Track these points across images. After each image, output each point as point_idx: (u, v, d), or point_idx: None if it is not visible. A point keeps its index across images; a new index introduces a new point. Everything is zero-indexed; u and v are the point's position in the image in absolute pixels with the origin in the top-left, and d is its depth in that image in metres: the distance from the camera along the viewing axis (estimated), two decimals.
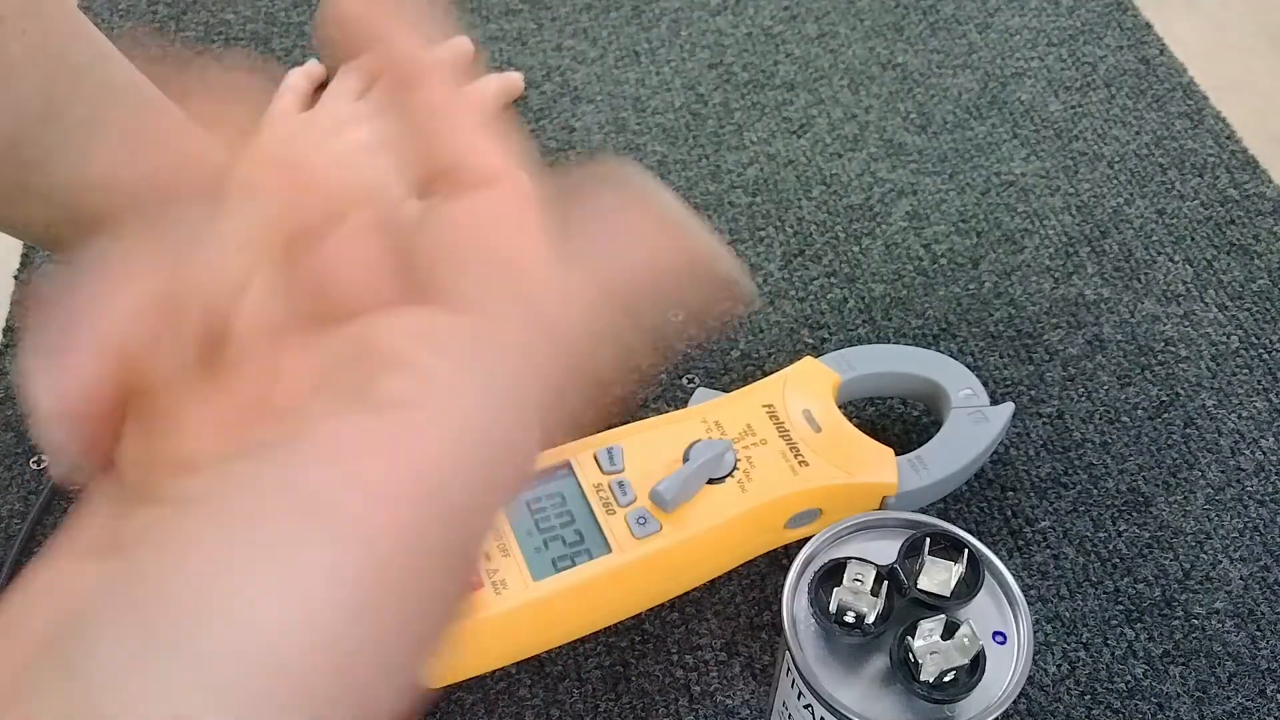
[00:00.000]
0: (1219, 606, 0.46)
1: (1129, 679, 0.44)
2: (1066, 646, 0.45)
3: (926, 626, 0.32)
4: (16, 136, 0.40)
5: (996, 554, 0.35)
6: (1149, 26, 0.69)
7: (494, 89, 0.64)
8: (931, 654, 0.32)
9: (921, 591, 0.34)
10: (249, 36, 0.68)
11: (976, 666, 0.32)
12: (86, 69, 0.42)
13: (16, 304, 0.56)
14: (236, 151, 0.62)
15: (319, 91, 0.63)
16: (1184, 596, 0.46)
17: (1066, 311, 0.55)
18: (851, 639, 0.33)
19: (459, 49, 0.67)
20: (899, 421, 0.51)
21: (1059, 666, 0.44)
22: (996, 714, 0.32)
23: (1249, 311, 0.55)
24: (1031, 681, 0.44)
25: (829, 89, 0.65)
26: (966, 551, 0.34)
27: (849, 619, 0.33)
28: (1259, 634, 0.45)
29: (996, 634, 0.34)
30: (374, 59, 0.25)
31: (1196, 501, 0.49)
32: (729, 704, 0.43)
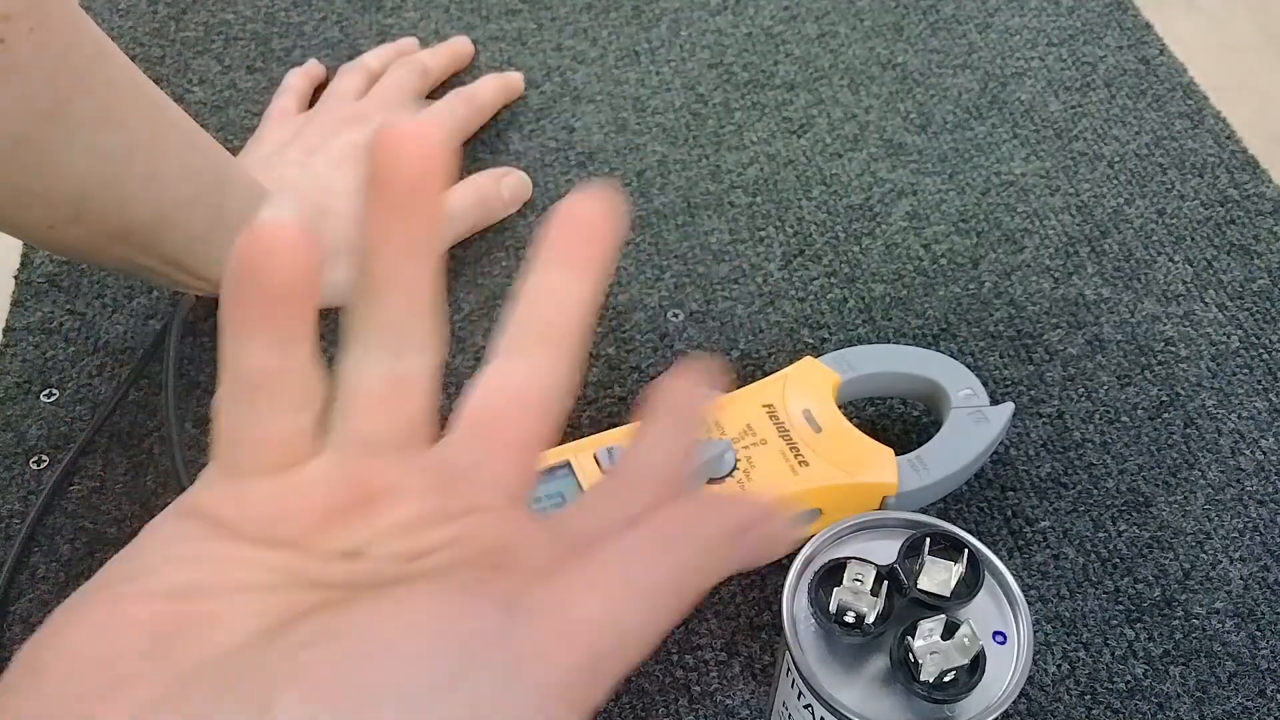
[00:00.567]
0: (1219, 606, 0.46)
1: (1129, 679, 0.44)
2: (1066, 646, 0.45)
3: (926, 626, 0.32)
4: (21, 136, 0.40)
5: (996, 554, 0.35)
6: (1149, 26, 0.69)
7: (494, 89, 0.63)
8: (931, 654, 0.32)
9: (921, 591, 0.34)
10: (249, 36, 0.68)
11: (976, 666, 0.32)
12: (90, 68, 0.42)
13: (16, 304, 0.56)
14: (243, 153, 0.61)
15: (319, 91, 0.63)
16: (1184, 596, 0.46)
17: (1066, 311, 0.55)
18: (851, 639, 0.33)
19: (459, 49, 0.67)
20: (899, 421, 0.51)
21: (1059, 666, 0.44)
22: (996, 714, 0.32)
23: (1249, 311, 0.55)
24: (1031, 681, 0.44)
25: (829, 89, 0.65)
26: (966, 551, 0.34)
27: (849, 619, 0.33)
28: (1259, 634, 0.45)
29: (996, 634, 0.34)
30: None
31: (1196, 501, 0.49)
32: (729, 704, 0.43)
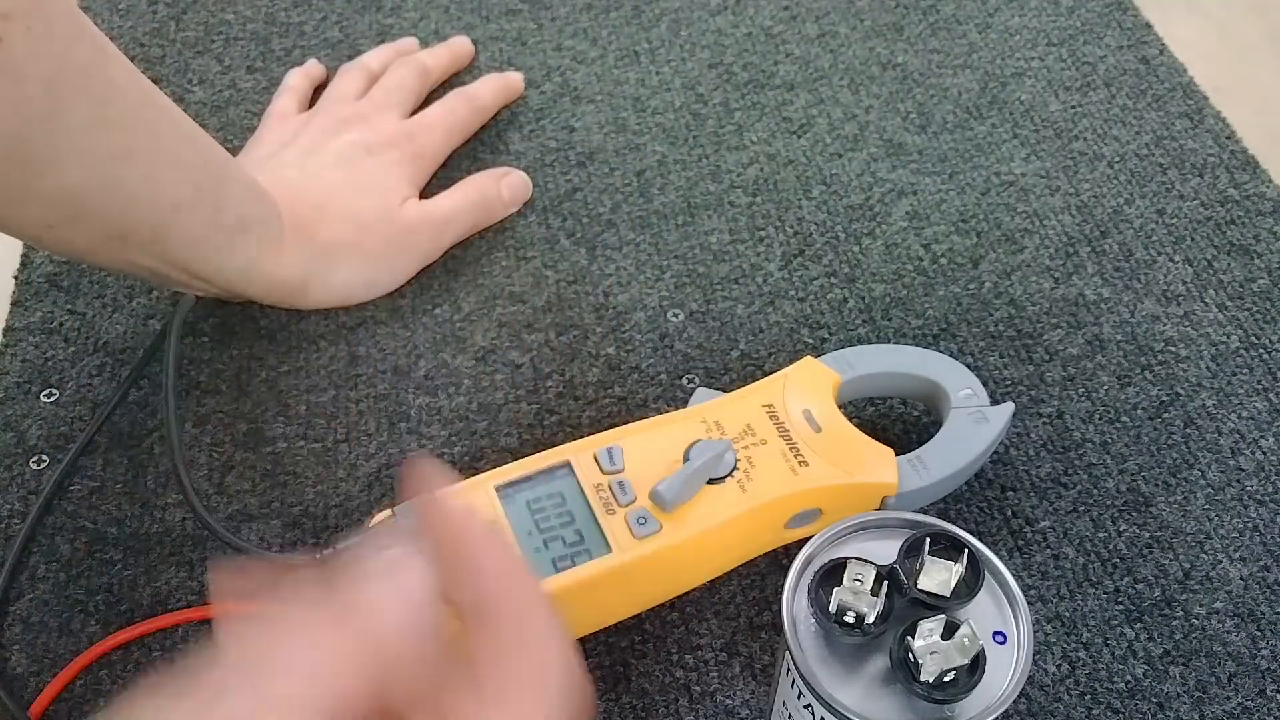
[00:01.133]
0: (1219, 606, 0.46)
1: (1129, 679, 0.44)
2: (1066, 646, 0.45)
3: (926, 626, 0.32)
4: (21, 136, 0.40)
5: (996, 554, 0.35)
6: (1149, 26, 0.69)
7: (494, 89, 0.63)
8: (931, 654, 0.32)
9: (921, 591, 0.34)
10: (249, 36, 0.68)
11: (976, 666, 0.32)
12: (89, 68, 0.42)
13: (16, 304, 0.56)
14: (247, 155, 0.61)
15: (319, 91, 0.63)
16: (1184, 596, 0.46)
17: (1066, 311, 0.55)
18: (851, 639, 0.33)
19: (459, 49, 0.67)
20: (899, 421, 0.51)
21: (1059, 666, 0.44)
22: (996, 714, 0.32)
23: (1249, 311, 0.55)
24: (1031, 681, 0.44)
25: (829, 89, 0.65)
26: (966, 551, 0.34)
27: (849, 619, 0.33)
28: (1259, 634, 0.45)
29: (996, 634, 0.34)
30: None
31: (1196, 501, 0.49)
32: (729, 704, 0.43)
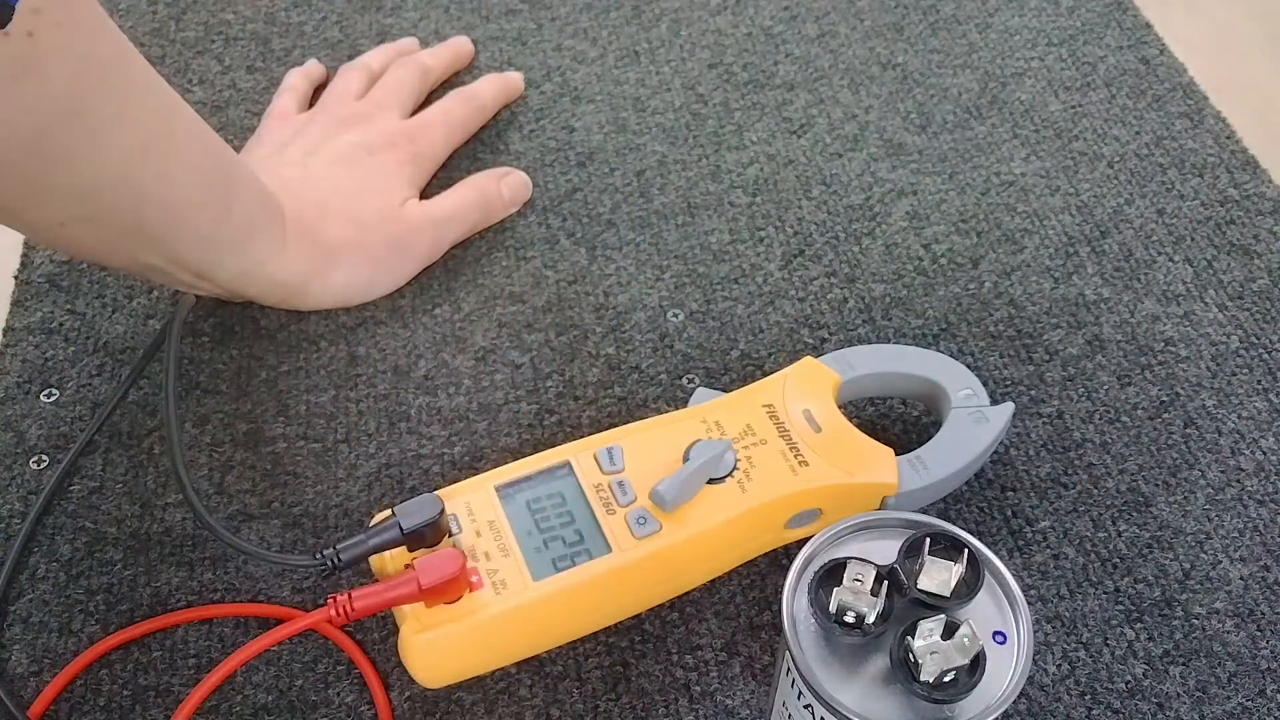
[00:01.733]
0: (1219, 606, 0.46)
1: (1129, 679, 0.44)
2: (1066, 646, 0.45)
3: (926, 626, 0.32)
4: (43, 131, 0.40)
5: (996, 554, 0.35)
6: (1149, 26, 0.69)
7: (494, 89, 0.63)
8: (931, 654, 0.32)
9: (921, 591, 0.34)
10: (249, 36, 0.68)
11: (976, 666, 0.32)
12: (111, 66, 0.42)
13: (16, 304, 0.56)
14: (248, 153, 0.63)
15: (319, 91, 0.63)
16: (1184, 596, 0.46)
17: (1066, 311, 0.55)
18: (851, 639, 0.33)
19: (459, 49, 0.67)
20: (899, 421, 0.51)
21: (1059, 666, 0.44)
22: (996, 714, 0.32)
23: (1249, 311, 0.55)
24: (1031, 681, 0.44)
25: (829, 89, 0.65)
26: (966, 551, 0.34)
27: (849, 619, 0.33)
28: (1259, 634, 0.45)
29: (996, 634, 0.34)
30: None
31: (1196, 501, 0.49)
32: (729, 704, 0.43)
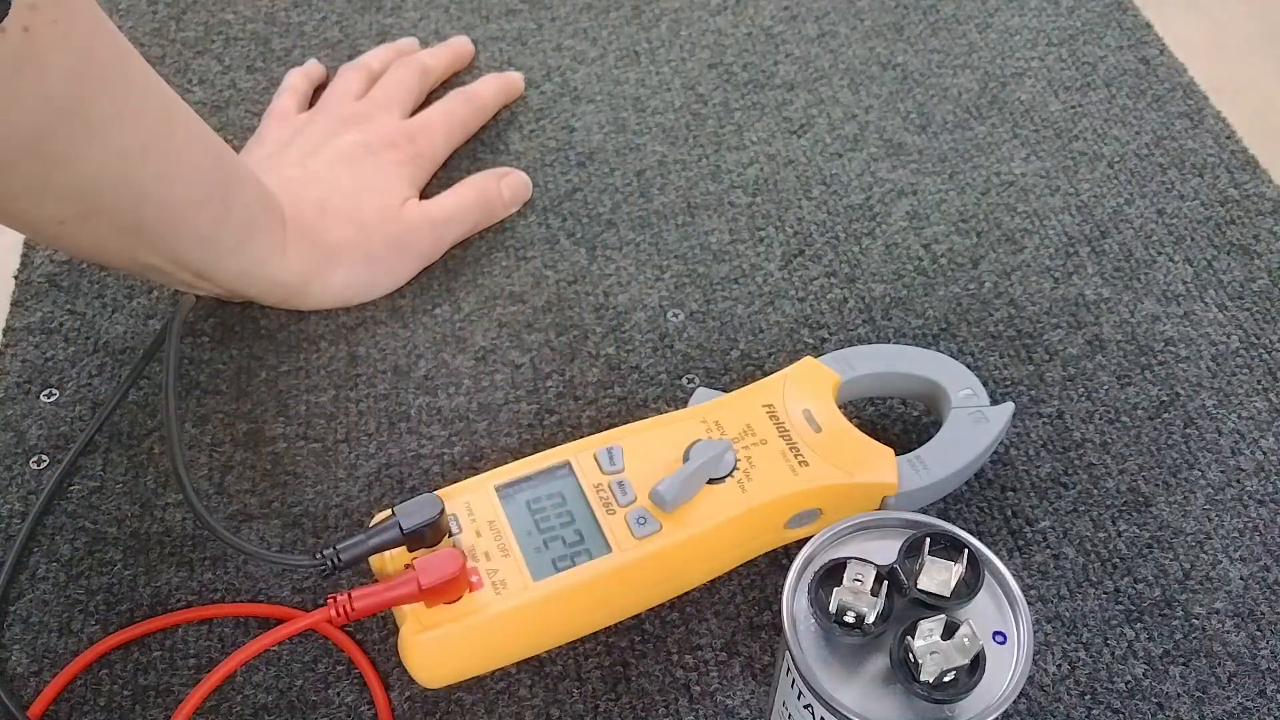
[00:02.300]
0: (1219, 606, 0.46)
1: (1129, 679, 0.44)
2: (1066, 646, 0.45)
3: (926, 626, 0.32)
4: (42, 129, 0.40)
5: (996, 554, 0.35)
6: (1149, 26, 0.69)
7: (494, 89, 0.63)
8: (931, 654, 0.32)
9: (921, 591, 0.34)
10: (249, 36, 0.68)
11: (976, 666, 0.32)
12: (110, 64, 0.42)
13: (16, 304, 0.56)
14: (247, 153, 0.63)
15: (319, 91, 0.63)
16: (1184, 596, 0.46)
17: (1066, 311, 0.55)
18: (851, 639, 0.33)
19: (459, 49, 0.67)
20: (899, 421, 0.51)
21: (1059, 666, 0.44)
22: (996, 714, 0.32)
23: (1249, 311, 0.55)
24: (1031, 681, 0.44)
25: (829, 89, 0.65)
26: (966, 551, 0.34)
27: (849, 619, 0.33)
28: (1259, 634, 0.45)
29: (996, 634, 0.34)
30: None
31: (1196, 501, 0.49)
32: (729, 704, 0.43)
